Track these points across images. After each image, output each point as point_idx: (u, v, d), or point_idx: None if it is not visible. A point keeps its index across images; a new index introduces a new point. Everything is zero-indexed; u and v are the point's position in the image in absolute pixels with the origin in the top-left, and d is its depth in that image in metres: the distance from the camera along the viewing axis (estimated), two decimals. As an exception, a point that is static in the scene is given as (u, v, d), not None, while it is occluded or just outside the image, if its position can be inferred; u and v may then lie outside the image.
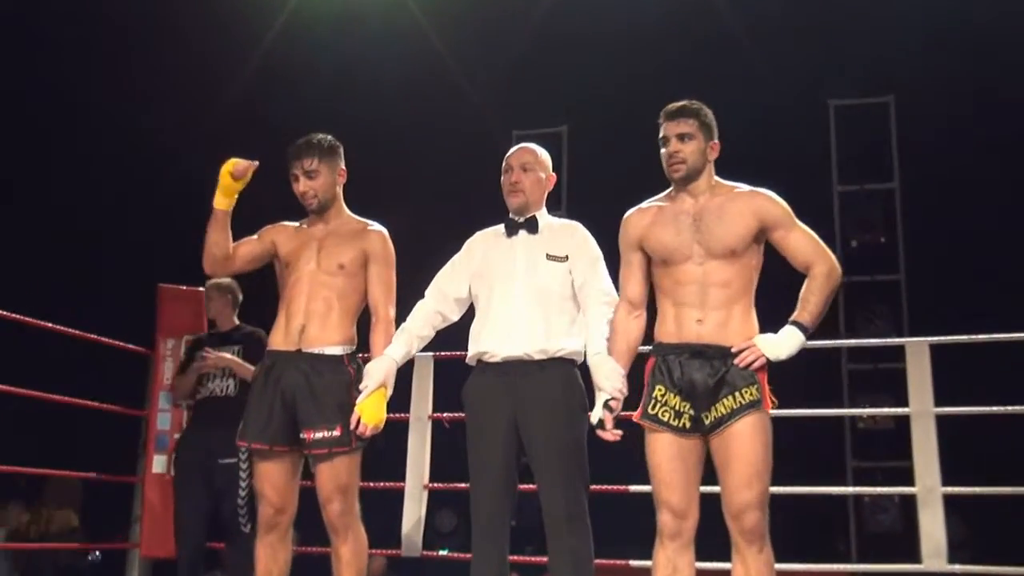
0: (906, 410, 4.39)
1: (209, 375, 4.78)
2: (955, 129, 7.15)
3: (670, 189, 3.13)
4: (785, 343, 2.91)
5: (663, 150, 3.06)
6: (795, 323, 2.93)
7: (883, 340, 6.63)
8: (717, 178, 3.09)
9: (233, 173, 3.41)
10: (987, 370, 5.54)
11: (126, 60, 7.45)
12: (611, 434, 3.01)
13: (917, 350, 4.37)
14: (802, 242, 3.00)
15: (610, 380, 3.05)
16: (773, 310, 3.05)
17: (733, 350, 2.91)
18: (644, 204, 3.16)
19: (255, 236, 3.57)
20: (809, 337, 2.94)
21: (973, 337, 4.44)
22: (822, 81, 7.82)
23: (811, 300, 2.94)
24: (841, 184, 8.05)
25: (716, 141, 3.08)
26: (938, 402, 4.29)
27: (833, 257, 3.00)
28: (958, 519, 4.90)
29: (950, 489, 4.22)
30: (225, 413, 4.54)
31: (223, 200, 3.43)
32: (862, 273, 7.85)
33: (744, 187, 3.08)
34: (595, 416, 3.04)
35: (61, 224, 7.73)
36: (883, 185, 7.99)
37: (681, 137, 3.03)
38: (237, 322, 4.93)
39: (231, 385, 4.75)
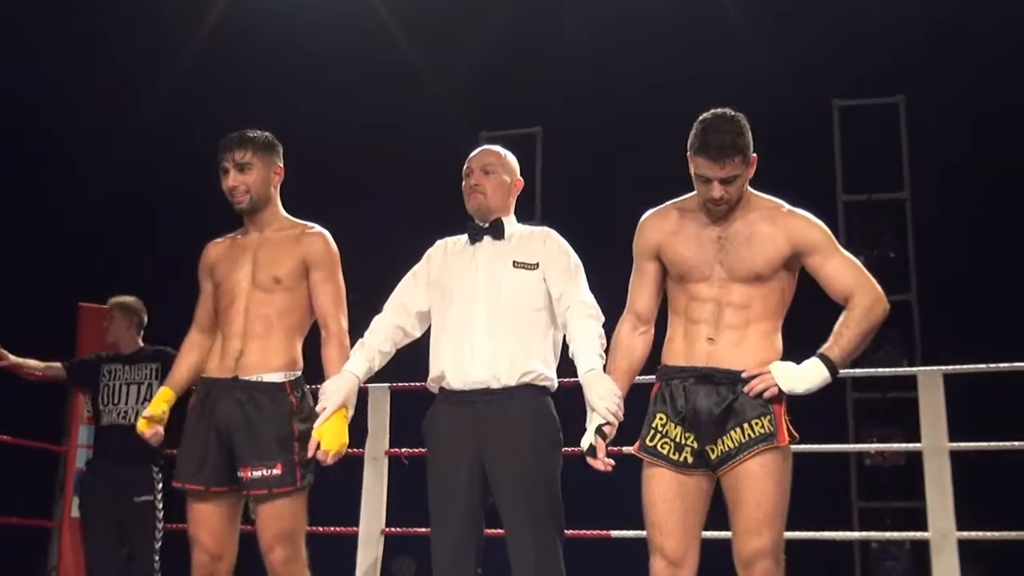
0: (918, 445, 4.42)
1: (117, 396, 4.77)
2: (972, 133, 7.22)
3: (694, 193, 3.01)
4: (805, 376, 2.85)
5: (701, 187, 2.92)
6: (821, 356, 2.86)
7: (892, 368, 6.67)
8: (750, 189, 3.01)
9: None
10: (1007, 402, 5.59)
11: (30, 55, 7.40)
12: (603, 463, 2.94)
13: (930, 379, 4.39)
14: (842, 271, 2.94)
15: (604, 400, 2.97)
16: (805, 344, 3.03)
17: (744, 375, 2.87)
18: (665, 206, 3.08)
19: (201, 289, 3.54)
20: (836, 375, 2.87)
21: (992, 366, 4.48)
22: (825, 79, 7.88)
23: (845, 335, 2.87)
24: (846, 194, 8.10)
25: (755, 155, 2.94)
26: (953, 437, 4.31)
27: (879, 290, 2.93)
28: (975, 567, 4.92)
29: (966, 534, 4.25)
30: (137, 443, 4.53)
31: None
32: (869, 293, 7.89)
33: (781, 204, 3.01)
34: (586, 441, 2.96)
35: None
36: (892, 195, 8.05)
37: (726, 181, 2.88)
38: (141, 344, 4.95)
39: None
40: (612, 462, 2.95)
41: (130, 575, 4.70)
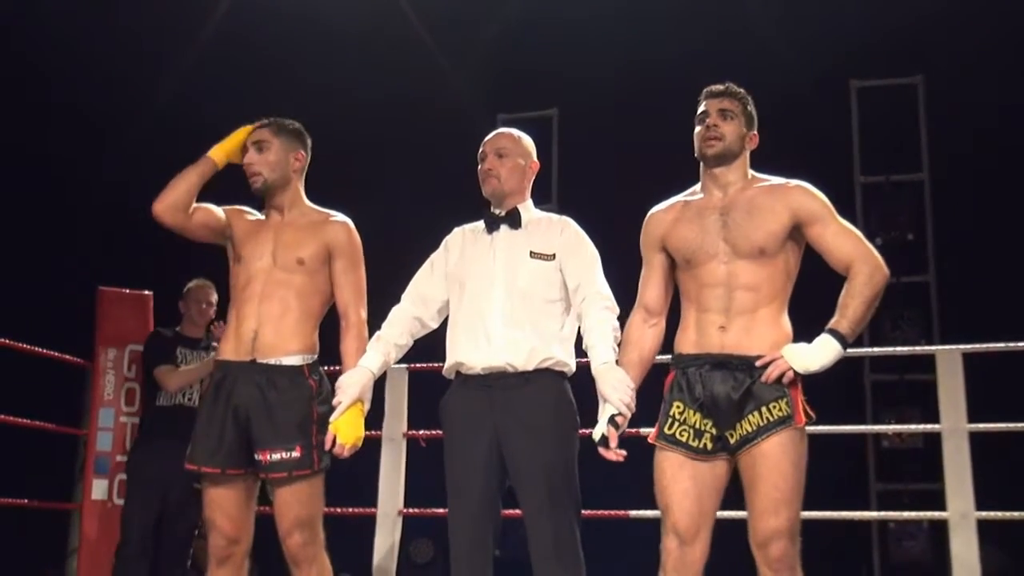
0: (936, 426, 4.40)
1: None
2: (991, 114, 7.16)
3: (696, 186, 3.11)
4: (817, 354, 2.85)
5: (699, 127, 3.05)
6: (831, 331, 2.86)
7: (911, 348, 6.64)
8: (753, 172, 3.08)
9: (245, 144, 3.44)
10: (1027, 382, 5.56)
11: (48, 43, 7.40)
12: (615, 453, 2.98)
13: (949, 359, 4.37)
14: (841, 239, 2.95)
15: (617, 392, 3.01)
16: (811, 318, 3.02)
17: (758, 364, 2.87)
18: (668, 201, 3.15)
19: (218, 208, 3.51)
20: (847, 347, 2.88)
21: (1011, 345, 4.45)
22: (843, 59, 7.82)
23: (850, 305, 2.88)
24: (864, 175, 8.05)
25: (756, 133, 3.09)
26: (972, 417, 4.29)
27: (879, 257, 2.94)
28: (994, 547, 4.90)
29: (985, 514, 4.23)
30: None
31: (221, 155, 3.43)
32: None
33: (777, 180, 3.05)
34: (598, 432, 3.00)
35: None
36: (911, 176, 8.00)
37: (723, 113, 3.02)
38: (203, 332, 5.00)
39: None
40: (624, 452, 2.99)
41: (159, 554, 4.73)
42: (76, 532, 5.33)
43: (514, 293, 3.32)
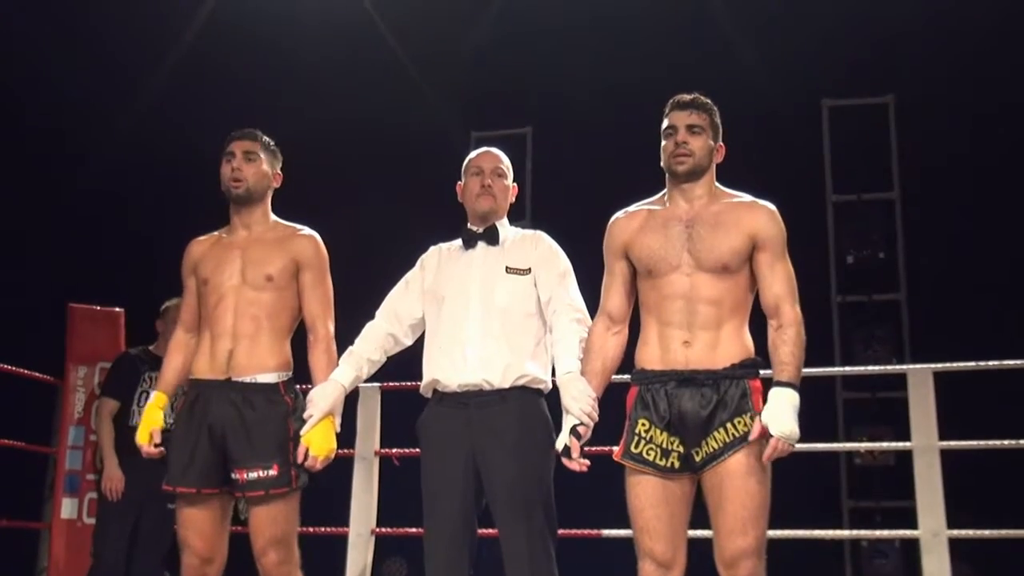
0: (908, 444, 4.43)
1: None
2: (961, 133, 7.24)
3: (662, 192, 3.11)
4: (791, 412, 2.81)
5: (666, 141, 3.05)
6: (787, 384, 2.83)
7: (882, 367, 6.69)
8: (718, 184, 3.09)
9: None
10: (997, 400, 5.61)
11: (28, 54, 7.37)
12: (578, 463, 2.97)
13: (920, 378, 4.40)
14: (783, 279, 2.97)
15: (579, 402, 3.01)
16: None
17: (751, 439, 2.84)
18: (632, 207, 3.15)
19: (185, 287, 3.54)
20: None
21: (982, 364, 4.49)
22: (815, 79, 7.89)
23: (790, 355, 2.87)
24: (836, 194, 8.11)
25: (722, 144, 3.10)
26: (943, 435, 4.32)
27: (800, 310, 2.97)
28: (965, 565, 4.94)
29: (957, 532, 4.26)
30: None
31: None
32: (859, 292, 7.91)
33: (746, 197, 3.07)
34: (560, 442, 3.01)
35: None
36: (882, 195, 8.05)
37: (691, 128, 3.02)
38: None
39: None
40: (587, 462, 2.98)
41: (132, 573, 4.70)
42: (45, 551, 5.30)
43: (492, 310, 3.34)
